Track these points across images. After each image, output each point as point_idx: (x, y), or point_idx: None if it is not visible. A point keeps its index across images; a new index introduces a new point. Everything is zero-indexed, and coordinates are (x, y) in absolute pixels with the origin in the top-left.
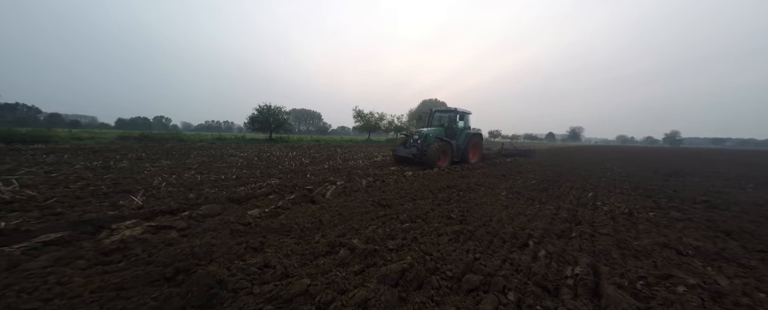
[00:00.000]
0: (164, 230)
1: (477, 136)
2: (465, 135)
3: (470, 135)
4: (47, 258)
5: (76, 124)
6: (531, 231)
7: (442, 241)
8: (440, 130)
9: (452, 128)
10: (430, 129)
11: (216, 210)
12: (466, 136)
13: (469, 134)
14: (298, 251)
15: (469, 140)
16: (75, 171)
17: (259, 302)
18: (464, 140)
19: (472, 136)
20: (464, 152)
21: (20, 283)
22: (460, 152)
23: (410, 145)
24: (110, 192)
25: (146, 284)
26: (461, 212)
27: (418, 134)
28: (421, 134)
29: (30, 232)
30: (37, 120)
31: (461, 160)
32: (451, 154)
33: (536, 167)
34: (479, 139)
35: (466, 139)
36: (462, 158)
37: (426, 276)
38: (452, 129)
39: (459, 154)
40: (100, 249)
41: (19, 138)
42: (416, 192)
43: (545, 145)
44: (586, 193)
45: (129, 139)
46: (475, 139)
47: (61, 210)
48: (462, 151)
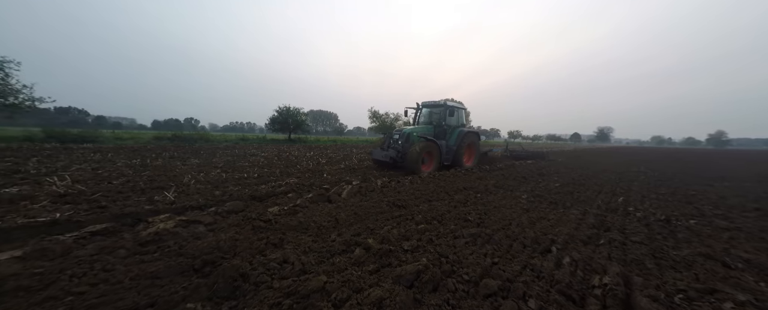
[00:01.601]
0: (193, 224)
1: (472, 136)
2: (457, 134)
3: (464, 134)
4: (94, 246)
5: (118, 125)
6: (554, 236)
7: (458, 243)
8: (428, 128)
9: (442, 126)
10: (415, 127)
11: (239, 207)
12: (459, 135)
13: (462, 133)
14: (315, 249)
15: (461, 140)
16: (117, 168)
17: (278, 297)
18: (456, 140)
19: (466, 135)
20: (457, 154)
21: (72, 268)
22: (452, 154)
23: (391, 146)
24: (147, 188)
25: (177, 274)
26: (479, 214)
27: (399, 133)
28: (403, 133)
29: (80, 222)
30: (86, 122)
31: (453, 163)
32: (438, 156)
33: (560, 169)
34: (475, 139)
35: (458, 138)
36: (454, 161)
37: (442, 279)
38: (442, 127)
39: (450, 156)
40: (138, 240)
41: (71, 138)
42: (432, 193)
43: (570, 146)
44: (616, 197)
45: (163, 140)
46: (469, 139)
47: (106, 203)
48: (454, 153)
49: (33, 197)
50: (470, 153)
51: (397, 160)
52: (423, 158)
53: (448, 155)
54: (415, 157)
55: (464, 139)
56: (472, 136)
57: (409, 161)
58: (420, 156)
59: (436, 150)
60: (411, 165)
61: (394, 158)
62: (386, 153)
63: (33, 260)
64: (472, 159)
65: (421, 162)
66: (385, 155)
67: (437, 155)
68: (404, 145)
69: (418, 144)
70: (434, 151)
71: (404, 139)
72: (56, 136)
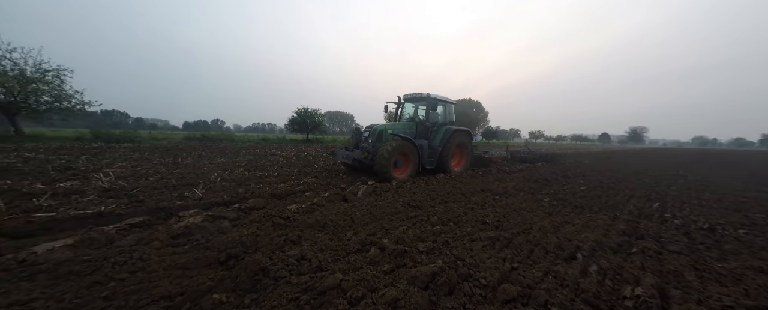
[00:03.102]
0: (219, 219)
1: (461, 135)
2: (443, 132)
3: (451, 132)
4: (133, 237)
5: (154, 126)
6: (579, 243)
7: (475, 246)
8: (409, 125)
9: (424, 123)
10: (390, 123)
11: (260, 204)
12: (445, 133)
13: (449, 131)
14: (331, 247)
15: (448, 140)
16: (153, 166)
17: (296, 292)
18: (441, 140)
19: (454, 133)
20: (442, 156)
21: (114, 257)
22: (436, 156)
23: (360, 145)
24: (178, 184)
25: (204, 266)
26: (497, 217)
27: (370, 131)
28: (374, 130)
29: (121, 215)
30: (127, 123)
31: (438, 167)
32: (415, 159)
33: (586, 172)
34: (466, 139)
35: (444, 137)
36: (439, 165)
37: (458, 282)
38: (424, 124)
39: (434, 159)
40: (170, 233)
41: (114, 138)
42: (447, 195)
43: (597, 147)
44: (651, 203)
45: (192, 140)
46: (458, 139)
47: (143, 198)
48: (439, 154)
49: (82, 191)
50: (460, 155)
51: (364, 161)
52: (396, 161)
53: (432, 158)
54: (384, 159)
55: (452, 138)
56: (461, 135)
57: (378, 163)
58: (391, 158)
59: (414, 151)
60: (380, 169)
61: (358, 160)
62: (349, 154)
63: (82, 248)
64: (462, 162)
65: (394, 165)
66: (347, 156)
67: (415, 156)
68: (374, 144)
69: (389, 143)
70: (411, 152)
71: (375, 138)
72: (102, 137)
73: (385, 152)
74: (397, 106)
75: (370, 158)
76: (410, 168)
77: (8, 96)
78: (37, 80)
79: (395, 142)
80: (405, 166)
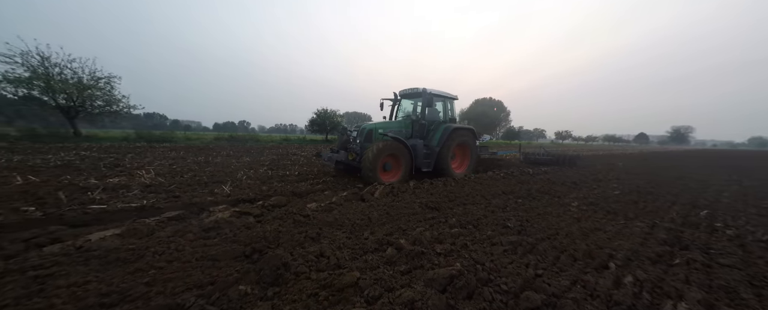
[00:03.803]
0: (245, 215)
1: (463, 134)
2: (442, 131)
3: (450, 131)
4: (170, 229)
5: (188, 128)
6: (612, 251)
7: (495, 251)
8: (403, 123)
9: (420, 122)
10: (381, 122)
11: (282, 202)
12: (444, 132)
13: (449, 130)
14: (349, 245)
15: (447, 139)
16: (187, 164)
17: (315, 288)
18: (439, 139)
19: (454, 132)
20: (440, 158)
21: (154, 247)
22: (433, 158)
23: (348, 146)
24: (209, 182)
25: (232, 259)
26: (520, 221)
27: (358, 130)
28: (362, 130)
29: (160, 209)
30: (165, 125)
31: (436, 170)
32: (407, 161)
33: (620, 175)
34: (469, 139)
35: (442, 137)
36: (437, 167)
37: (477, 286)
38: (420, 123)
39: (431, 160)
40: (202, 226)
41: (155, 139)
42: (466, 196)
43: (634, 148)
44: (697, 210)
45: (221, 140)
46: (460, 138)
47: (179, 194)
48: (437, 155)
49: (128, 186)
50: (463, 156)
51: (350, 164)
52: (384, 164)
53: (428, 159)
54: (369, 162)
55: (451, 138)
56: (462, 134)
57: (363, 166)
58: (377, 160)
59: (405, 152)
60: (365, 172)
61: (343, 163)
62: (332, 155)
63: (128, 238)
64: (465, 164)
65: (383, 169)
66: (330, 158)
67: (406, 158)
68: (363, 145)
69: (375, 144)
70: (401, 154)
71: (363, 138)
72: (144, 137)
73: (371, 155)
74: (394, 103)
75: (357, 160)
76: (402, 171)
77: (69, 101)
78: (92, 87)
79: (382, 142)
80: (395, 169)
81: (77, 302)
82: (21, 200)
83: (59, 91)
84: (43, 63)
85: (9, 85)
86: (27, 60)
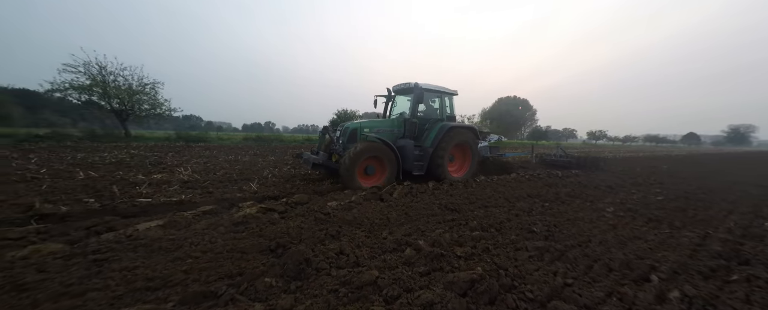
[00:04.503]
0: (270, 211)
1: (461, 133)
2: (437, 130)
3: (446, 130)
4: (204, 223)
5: (220, 128)
6: (655, 262)
7: (520, 256)
8: (394, 122)
9: (412, 120)
10: (369, 120)
11: (304, 199)
12: (439, 131)
13: (445, 129)
14: (368, 244)
15: (442, 139)
16: (219, 163)
17: (335, 284)
18: (434, 139)
19: (451, 131)
20: (434, 160)
21: (191, 238)
22: (427, 160)
23: (332, 147)
24: (238, 179)
25: (258, 252)
26: (547, 226)
27: (342, 129)
28: (346, 129)
29: (196, 203)
30: (200, 126)
31: (429, 173)
32: (393, 164)
33: (664, 179)
34: (468, 138)
35: (437, 137)
36: (430, 170)
37: (500, 292)
38: (412, 121)
39: (424, 163)
40: (232, 220)
41: (192, 139)
42: (488, 199)
43: (681, 150)
44: (760, 220)
45: (249, 140)
46: (457, 137)
47: (212, 190)
48: (430, 157)
49: (169, 182)
50: (462, 158)
51: (330, 166)
52: (366, 167)
53: (421, 161)
54: (347, 164)
55: (447, 137)
56: (460, 133)
57: (341, 169)
58: (356, 163)
59: (389, 154)
60: (342, 175)
61: (320, 164)
62: (310, 156)
63: (169, 229)
64: (465, 167)
65: (365, 172)
66: (306, 160)
67: (391, 161)
68: (346, 145)
69: (354, 146)
70: (386, 156)
71: (346, 138)
72: (183, 137)
73: (348, 158)
74: (387, 100)
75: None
76: (386, 175)
77: (121, 105)
78: (140, 92)
79: (362, 143)
80: (379, 172)
81: (128, 284)
82: (83, 193)
83: (114, 96)
84: (100, 71)
85: (74, 91)
86: (88, 69)
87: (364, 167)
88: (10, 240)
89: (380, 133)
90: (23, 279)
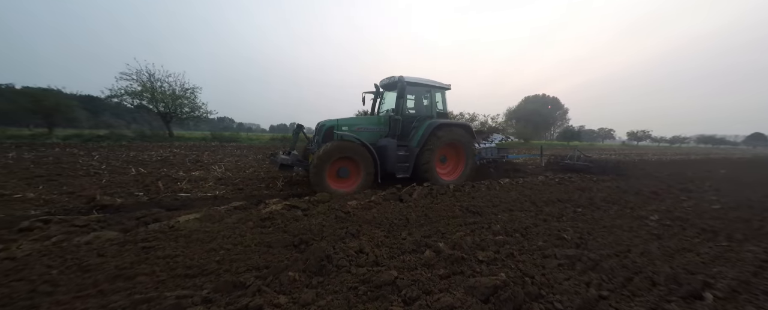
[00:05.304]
0: (294, 208)
1: (453, 131)
2: (425, 128)
3: (433, 127)
4: (235, 217)
5: (249, 129)
6: (709, 278)
7: (548, 264)
8: (379, 119)
9: (396, 118)
10: (347, 118)
11: (326, 198)
12: (426, 129)
13: (432, 126)
14: (387, 244)
15: (429, 138)
16: (248, 162)
17: (355, 282)
18: (420, 138)
19: (439, 129)
20: (420, 161)
21: (224, 231)
22: (412, 161)
23: (308, 147)
24: (266, 177)
25: (282, 247)
26: (579, 233)
27: (318, 127)
28: (321, 127)
29: (228, 199)
30: (232, 127)
31: (415, 175)
32: (368, 166)
33: (722, 185)
34: (462, 136)
35: (424, 135)
36: (416, 172)
37: (525, 301)
38: (396, 119)
39: (409, 164)
40: (259, 216)
41: (225, 139)
42: (513, 202)
43: (743, 152)
44: None
45: (276, 140)
46: (448, 136)
47: (242, 187)
48: (417, 157)
49: (205, 179)
50: (456, 160)
51: (296, 168)
52: (339, 169)
53: (406, 163)
54: (314, 166)
55: (435, 136)
56: (452, 131)
57: (311, 172)
58: (325, 165)
59: (365, 156)
60: (312, 178)
61: (292, 165)
62: (282, 157)
63: (204, 222)
64: (459, 170)
65: (337, 175)
66: (274, 160)
67: (367, 163)
68: (322, 145)
69: (325, 146)
70: (361, 157)
71: (322, 137)
72: (217, 138)
73: (317, 159)
74: (375, 97)
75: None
76: (361, 178)
77: (166, 109)
78: (182, 96)
79: (333, 144)
80: (353, 175)
81: (170, 271)
82: (134, 187)
83: (160, 100)
84: (149, 78)
85: (129, 97)
86: (139, 77)
87: (335, 170)
88: (77, 227)
89: (361, 131)
90: (87, 262)
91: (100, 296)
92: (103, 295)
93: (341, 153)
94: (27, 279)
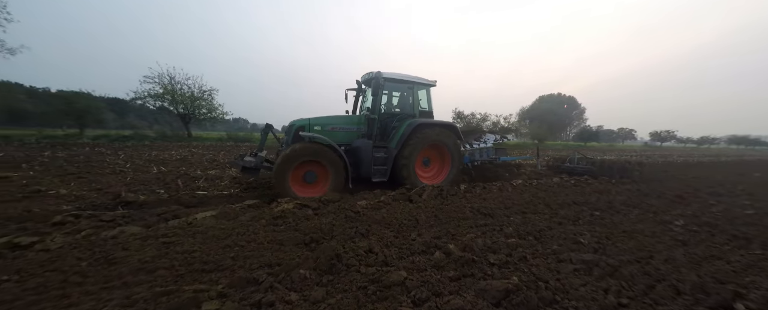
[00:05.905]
0: (305, 208)
1: (437, 132)
2: (404, 128)
3: (414, 127)
4: (249, 215)
5: None
6: (741, 288)
7: (563, 269)
8: (356, 118)
9: (373, 117)
10: (318, 117)
11: (336, 197)
12: (406, 129)
13: (411, 126)
14: (396, 244)
15: (409, 138)
16: None
17: (364, 281)
18: (399, 139)
19: (419, 129)
20: (399, 162)
21: (238, 228)
22: (390, 163)
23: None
24: None
25: (294, 245)
26: (596, 237)
27: (288, 127)
28: (291, 126)
29: (242, 197)
30: (247, 128)
31: (393, 178)
32: (338, 170)
33: (756, 189)
34: (445, 137)
35: (403, 135)
36: (394, 175)
37: (539, 306)
38: (370, 119)
39: (386, 167)
40: (272, 214)
41: (239, 139)
42: (526, 204)
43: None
44: None
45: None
46: (430, 136)
47: (255, 186)
48: (395, 159)
49: (220, 177)
50: (440, 162)
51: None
52: (306, 173)
53: (383, 165)
54: (278, 170)
55: (415, 137)
56: (435, 132)
57: (273, 176)
58: (288, 169)
59: (333, 158)
60: (274, 183)
61: (255, 168)
62: (247, 159)
63: (220, 219)
64: (443, 173)
65: (303, 179)
66: (235, 163)
67: (336, 166)
68: (285, 147)
69: (291, 147)
70: (328, 160)
71: (291, 137)
72: (232, 138)
73: (281, 162)
74: (357, 94)
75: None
76: (329, 181)
77: (185, 110)
78: (200, 98)
79: (298, 146)
80: (321, 179)
81: (188, 265)
82: (156, 184)
83: (180, 102)
84: (170, 81)
85: (151, 99)
86: (161, 80)
87: (301, 174)
88: (103, 222)
89: (336, 131)
90: (113, 255)
91: (125, 287)
92: (127, 287)
93: (307, 156)
94: (59, 270)
